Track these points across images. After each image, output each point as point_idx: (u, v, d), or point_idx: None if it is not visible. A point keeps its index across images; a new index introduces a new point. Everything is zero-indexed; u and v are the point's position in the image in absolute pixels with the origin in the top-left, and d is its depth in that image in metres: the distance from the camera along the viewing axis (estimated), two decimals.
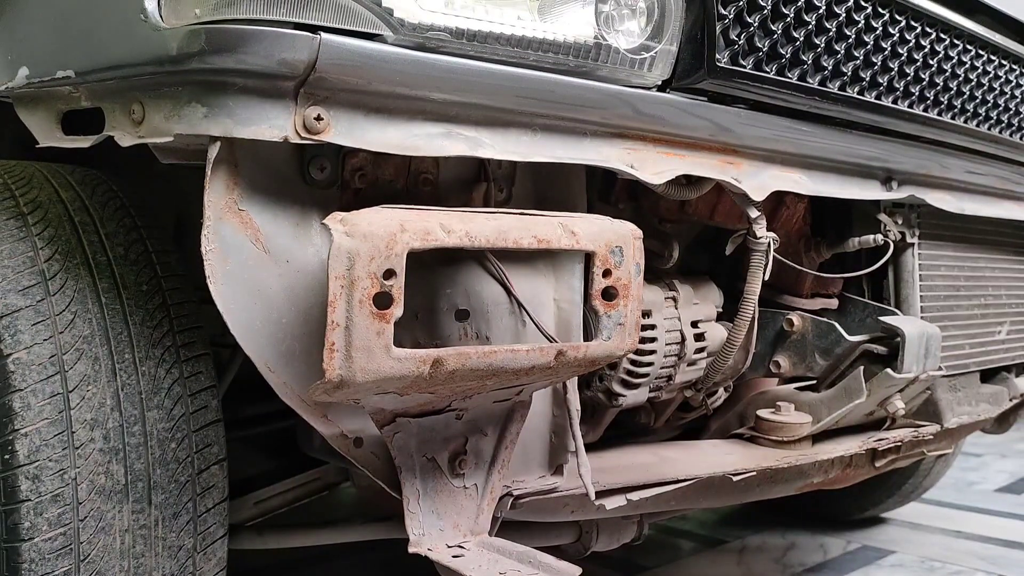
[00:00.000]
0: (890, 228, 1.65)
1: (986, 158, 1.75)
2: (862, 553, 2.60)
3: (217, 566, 1.19)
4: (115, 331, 1.10)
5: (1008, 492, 3.27)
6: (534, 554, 1.08)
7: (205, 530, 1.16)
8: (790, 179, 1.36)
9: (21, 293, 1.06)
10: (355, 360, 0.87)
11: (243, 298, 0.97)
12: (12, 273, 1.07)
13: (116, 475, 1.08)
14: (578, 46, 1.08)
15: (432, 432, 1.11)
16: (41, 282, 1.08)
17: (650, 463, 1.46)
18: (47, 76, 1.07)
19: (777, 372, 1.67)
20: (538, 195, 1.26)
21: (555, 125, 1.09)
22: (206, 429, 1.16)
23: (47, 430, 1.03)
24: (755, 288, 1.42)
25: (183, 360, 1.15)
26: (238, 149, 0.96)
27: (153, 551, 1.11)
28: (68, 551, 1.04)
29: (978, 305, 1.84)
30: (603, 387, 1.43)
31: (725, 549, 2.63)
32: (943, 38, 1.54)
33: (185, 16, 0.91)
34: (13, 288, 1.06)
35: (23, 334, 1.05)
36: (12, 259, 1.08)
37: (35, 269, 1.08)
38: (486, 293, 1.13)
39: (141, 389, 1.11)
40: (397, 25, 0.94)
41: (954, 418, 1.76)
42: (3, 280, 1.06)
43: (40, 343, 1.05)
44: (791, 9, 1.26)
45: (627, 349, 1.08)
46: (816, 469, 1.61)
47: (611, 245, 1.04)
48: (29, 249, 1.10)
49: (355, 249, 0.86)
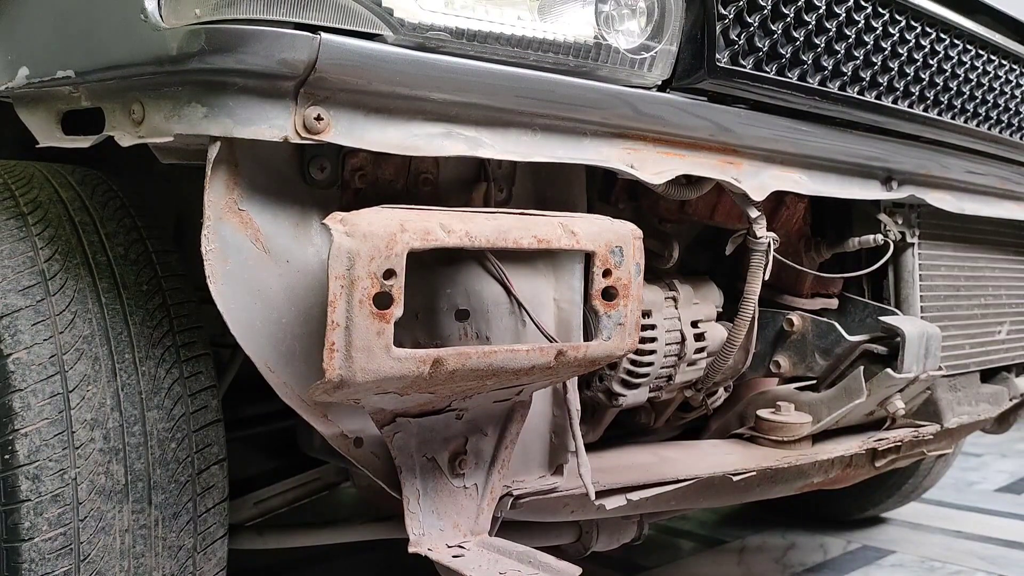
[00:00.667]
0: (890, 228, 1.65)
1: (986, 158, 1.74)
2: (862, 553, 2.60)
3: (217, 566, 1.19)
4: (115, 331, 1.10)
5: (1008, 492, 3.27)
6: (534, 554, 1.08)
7: (205, 530, 1.16)
8: (790, 179, 1.36)
9: (21, 293, 1.06)
10: (355, 360, 0.87)
11: (243, 298, 0.97)
12: (12, 273, 1.07)
13: (116, 475, 1.08)
14: (578, 46, 1.08)
15: (432, 432, 1.11)
16: (41, 282, 1.08)
17: (650, 463, 1.46)
18: (47, 76, 1.07)
19: (777, 372, 1.66)
20: (538, 195, 1.26)
21: (555, 125, 1.09)
22: (206, 429, 1.16)
23: (47, 430, 1.03)
24: (755, 288, 1.42)
25: (183, 360, 1.15)
26: (238, 149, 0.96)
27: (153, 551, 1.11)
28: (68, 551, 1.04)
29: (978, 305, 1.84)
30: (603, 387, 1.43)
31: (725, 549, 2.63)
32: (943, 38, 1.54)
33: (185, 16, 0.91)
34: (13, 288, 1.06)
35: (23, 334, 1.05)
36: (12, 259, 1.08)
37: (35, 269, 1.08)
38: (486, 293, 1.13)
39: (141, 389, 1.11)
40: (397, 25, 0.94)
41: (954, 418, 1.76)
42: (3, 280, 1.06)
43: (40, 343, 1.05)
44: (791, 9, 1.26)
45: (627, 349, 1.08)
46: (816, 469, 1.61)
47: (611, 245, 1.04)
48: (29, 249, 1.10)
49: (355, 249, 0.86)
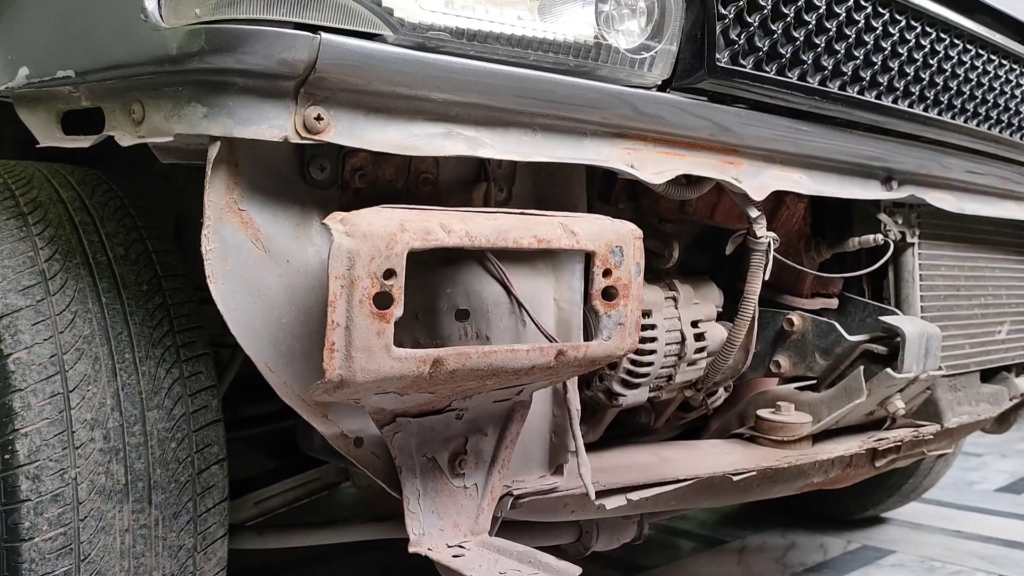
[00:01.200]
0: (890, 228, 1.65)
1: (986, 158, 1.74)
2: (862, 553, 2.60)
3: (217, 566, 1.19)
4: (115, 331, 1.10)
5: (1008, 492, 3.27)
6: (534, 554, 1.08)
7: (205, 530, 1.16)
8: (790, 179, 1.36)
9: (21, 293, 1.06)
10: (355, 360, 0.87)
11: (243, 298, 0.97)
12: (12, 273, 1.07)
13: (116, 475, 1.08)
14: (578, 46, 1.08)
15: (432, 432, 1.11)
16: (41, 282, 1.08)
17: (650, 463, 1.46)
18: (47, 76, 1.07)
19: (777, 372, 1.66)
20: (538, 195, 1.25)
21: (555, 125, 1.09)
22: (206, 429, 1.16)
23: (47, 430, 1.03)
24: (755, 288, 1.42)
25: (183, 360, 1.15)
26: (238, 149, 0.96)
27: (153, 551, 1.11)
28: (68, 551, 1.04)
29: (978, 305, 1.84)
30: (603, 387, 1.43)
31: (725, 549, 2.63)
32: (943, 38, 1.54)
33: (185, 16, 0.91)
34: (13, 288, 1.06)
35: (23, 334, 1.05)
36: (12, 259, 1.08)
37: (35, 269, 1.08)
38: (486, 293, 1.13)
39: (141, 389, 1.11)
40: (397, 25, 0.94)
41: (954, 418, 1.76)
42: (3, 280, 1.06)
43: (40, 343, 1.05)
44: (791, 9, 1.26)
45: (627, 349, 1.08)
46: (816, 469, 1.61)
47: (611, 245, 1.04)
48: (29, 249, 1.10)
49: (355, 249, 0.86)
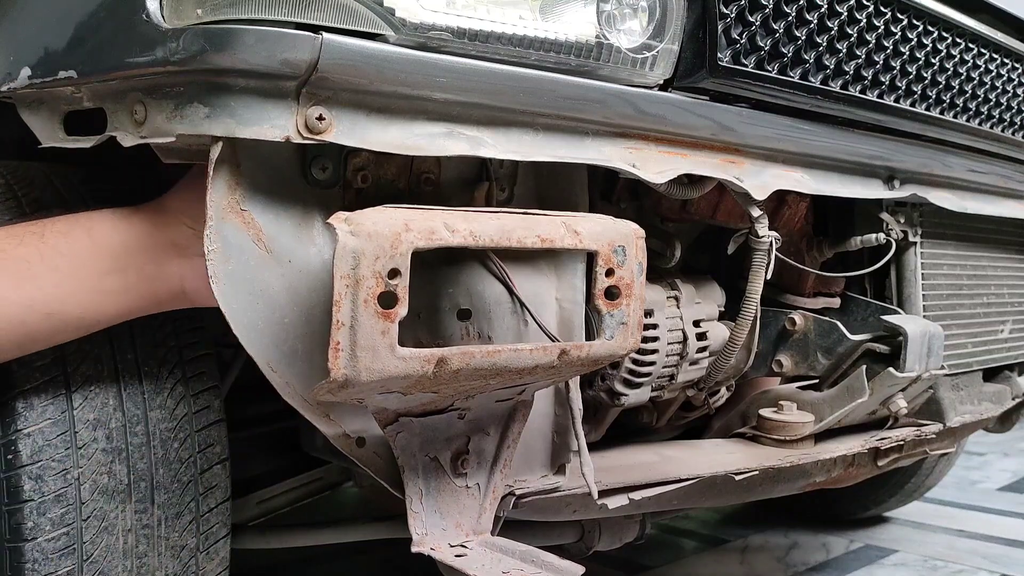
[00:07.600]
0: (892, 227, 1.65)
1: (989, 157, 1.74)
2: (865, 552, 2.59)
3: (220, 566, 1.19)
4: (117, 330, 1.10)
5: (1011, 491, 3.27)
6: (537, 553, 1.08)
7: (208, 530, 1.16)
8: (792, 178, 1.36)
9: None
10: (360, 359, 0.87)
11: (245, 298, 0.97)
12: None
13: (119, 475, 1.08)
14: (580, 45, 1.08)
15: (435, 432, 1.11)
16: None
17: (652, 462, 1.46)
18: (49, 77, 1.07)
19: (779, 371, 1.66)
20: (540, 194, 1.25)
21: (557, 124, 1.09)
22: (209, 429, 1.16)
23: (50, 430, 1.04)
24: (757, 287, 1.42)
25: (186, 360, 1.15)
26: (240, 149, 0.96)
27: (156, 551, 1.11)
28: (71, 551, 1.04)
29: (980, 304, 1.84)
30: (605, 386, 1.43)
31: (727, 548, 2.63)
32: (945, 36, 1.54)
33: (187, 16, 0.91)
34: None
35: None
36: None
37: None
38: (488, 292, 1.13)
39: (144, 389, 1.11)
40: (399, 25, 0.94)
41: (957, 417, 1.76)
42: None
43: None
44: (793, 8, 1.26)
45: (630, 348, 1.08)
46: (818, 468, 1.61)
47: (614, 244, 1.04)
48: None
49: (360, 248, 0.86)
